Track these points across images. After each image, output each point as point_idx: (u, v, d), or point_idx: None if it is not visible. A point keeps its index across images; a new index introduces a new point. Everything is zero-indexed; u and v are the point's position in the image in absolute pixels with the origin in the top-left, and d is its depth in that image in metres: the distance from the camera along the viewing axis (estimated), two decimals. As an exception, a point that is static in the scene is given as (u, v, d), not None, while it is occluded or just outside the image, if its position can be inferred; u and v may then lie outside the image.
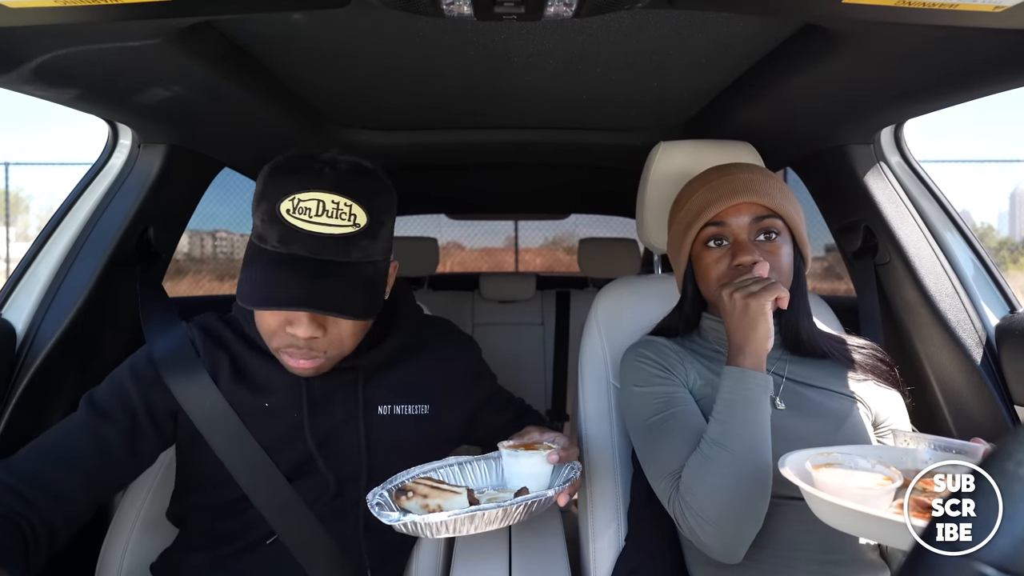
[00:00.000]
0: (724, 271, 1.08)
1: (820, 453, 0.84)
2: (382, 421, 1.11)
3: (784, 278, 1.08)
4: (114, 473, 1.00)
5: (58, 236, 1.32)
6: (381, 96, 1.38)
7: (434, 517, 0.82)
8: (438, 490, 0.92)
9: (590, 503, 1.21)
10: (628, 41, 1.06)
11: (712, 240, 1.11)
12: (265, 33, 1.03)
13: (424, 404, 1.15)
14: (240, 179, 1.82)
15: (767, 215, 1.08)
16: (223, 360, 1.06)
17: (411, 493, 0.91)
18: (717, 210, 1.09)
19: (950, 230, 1.39)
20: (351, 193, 0.92)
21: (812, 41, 0.97)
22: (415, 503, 0.90)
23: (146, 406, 1.02)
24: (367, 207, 0.93)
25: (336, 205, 0.90)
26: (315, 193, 0.90)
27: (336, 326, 0.97)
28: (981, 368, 1.25)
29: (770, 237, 1.08)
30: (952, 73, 1.01)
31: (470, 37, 1.05)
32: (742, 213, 1.08)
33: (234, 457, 1.02)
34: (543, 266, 6.33)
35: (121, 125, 1.35)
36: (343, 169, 0.94)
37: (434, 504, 0.90)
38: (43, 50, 0.90)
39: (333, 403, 1.08)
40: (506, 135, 1.68)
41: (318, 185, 0.91)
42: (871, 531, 0.70)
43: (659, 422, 1.06)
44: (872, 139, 1.43)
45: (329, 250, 0.91)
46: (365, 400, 1.10)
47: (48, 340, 1.22)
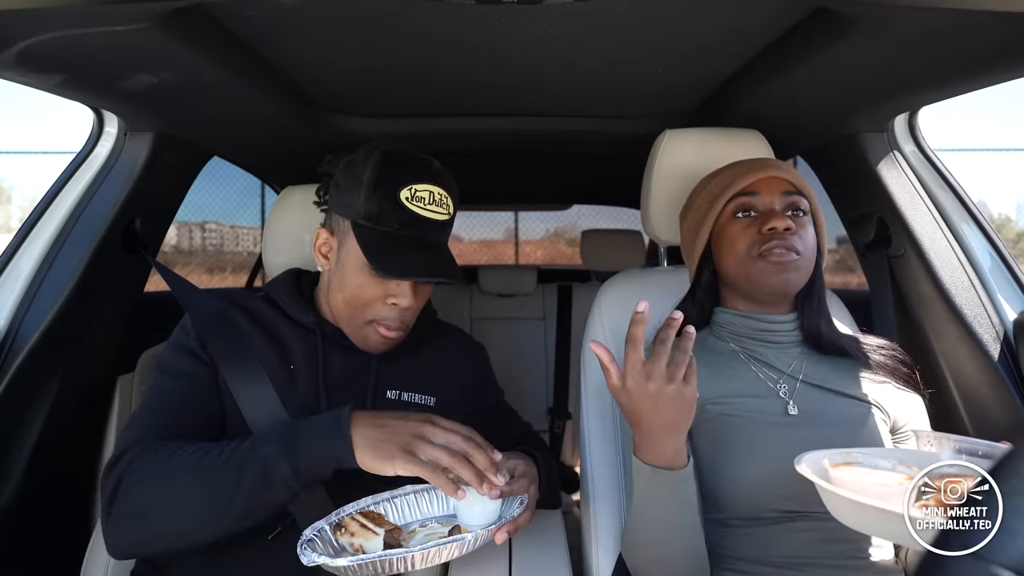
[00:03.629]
0: (754, 238, 1.08)
1: (839, 453, 0.84)
2: (389, 405, 1.16)
3: (809, 255, 1.08)
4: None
5: (41, 227, 1.32)
6: (376, 83, 1.38)
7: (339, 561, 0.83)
8: (364, 529, 0.94)
9: (592, 505, 1.22)
10: (632, 25, 1.06)
11: (741, 212, 1.11)
12: (257, 17, 1.02)
13: (430, 396, 1.21)
14: (230, 168, 1.82)
15: (796, 192, 1.10)
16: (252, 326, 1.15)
17: (344, 529, 0.95)
18: (748, 180, 1.10)
19: (966, 221, 1.39)
20: (447, 187, 1.13)
21: (824, 25, 0.97)
22: (345, 540, 0.94)
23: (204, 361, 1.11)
24: (454, 199, 1.15)
25: (441, 196, 1.11)
26: (428, 185, 1.10)
27: (421, 296, 1.15)
28: (998, 364, 1.25)
29: (797, 214, 1.09)
30: (969, 59, 1.01)
31: (468, 22, 1.05)
32: (774, 186, 1.10)
33: (261, 422, 1.07)
34: (544, 259, 6.34)
35: (107, 112, 1.35)
36: (439, 166, 1.15)
37: (357, 543, 0.93)
38: (26, 35, 0.90)
39: (345, 378, 1.15)
40: (506, 123, 1.68)
41: (429, 178, 1.11)
42: (889, 530, 0.70)
43: None
44: (885, 127, 1.42)
45: (435, 233, 1.12)
46: (376, 381, 1.17)
47: (31, 334, 1.22)
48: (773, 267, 1.05)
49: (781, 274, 1.05)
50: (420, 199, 1.08)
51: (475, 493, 0.95)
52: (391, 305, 1.10)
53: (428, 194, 1.09)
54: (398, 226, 1.08)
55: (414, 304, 1.12)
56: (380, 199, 1.08)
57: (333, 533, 0.94)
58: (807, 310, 1.12)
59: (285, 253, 1.44)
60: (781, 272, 1.05)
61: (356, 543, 0.93)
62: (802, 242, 1.06)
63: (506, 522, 0.96)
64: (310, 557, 0.85)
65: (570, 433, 2.88)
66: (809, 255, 1.08)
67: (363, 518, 0.97)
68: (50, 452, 1.28)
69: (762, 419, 1.04)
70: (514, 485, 1.02)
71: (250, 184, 5.15)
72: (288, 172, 2.04)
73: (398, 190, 1.08)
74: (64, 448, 1.33)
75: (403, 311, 1.11)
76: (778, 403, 1.06)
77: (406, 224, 1.08)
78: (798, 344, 1.13)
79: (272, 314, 1.18)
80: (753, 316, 1.13)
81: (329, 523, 0.97)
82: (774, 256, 1.05)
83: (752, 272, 1.08)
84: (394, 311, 1.11)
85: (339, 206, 1.13)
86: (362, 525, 0.95)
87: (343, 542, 0.94)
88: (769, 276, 1.06)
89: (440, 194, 1.11)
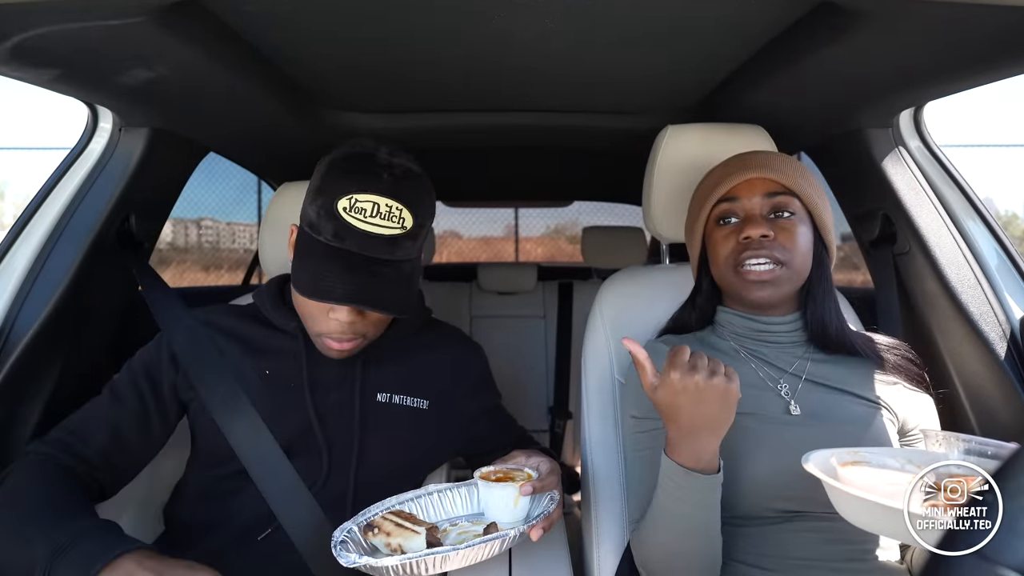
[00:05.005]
0: (733, 247, 1.08)
1: (847, 452, 0.84)
2: (379, 408, 1.16)
3: (797, 260, 1.06)
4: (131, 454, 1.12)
5: (35, 224, 1.32)
6: (374, 78, 1.38)
7: (386, 561, 0.84)
8: (400, 528, 0.95)
9: (594, 505, 1.22)
10: (633, 20, 1.06)
11: (723, 218, 1.10)
12: (254, 10, 1.02)
13: (424, 399, 1.20)
14: (226, 165, 1.82)
15: (781, 192, 1.08)
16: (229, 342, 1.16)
17: (377, 530, 0.95)
18: (728, 186, 1.09)
19: (972, 218, 1.39)
20: (402, 198, 1.03)
21: (828, 18, 0.97)
22: (380, 540, 0.94)
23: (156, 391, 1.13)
24: (414, 212, 1.05)
25: (389, 208, 1.02)
26: (372, 195, 1.01)
27: (367, 313, 1.08)
28: (1005, 363, 1.25)
29: (781, 215, 1.07)
30: (975, 53, 1.01)
31: (468, 16, 1.05)
32: (755, 189, 1.08)
33: (236, 427, 1.09)
34: (544, 256, 6.34)
35: (101, 108, 1.35)
36: (398, 174, 1.05)
37: (396, 543, 0.93)
38: (20, 29, 0.89)
39: (329, 379, 1.14)
40: (506, 118, 1.68)
41: (375, 188, 1.02)
42: (896, 529, 0.70)
43: (641, 459, 1.08)
44: (890, 122, 1.43)
45: (377, 248, 1.02)
46: (363, 384, 1.16)
47: (25, 332, 1.22)
48: (749, 284, 1.06)
49: (757, 291, 1.06)
50: (360, 210, 1.01)
51: (509, 490, 1.01)
52: (334, 320, 1.06)
53: (371, 205, 1.01)
54: (330, 237, 1.02)
55: (358, 319, 1.06)
56: (318, 207, 1.03)
57: (364, 534, 0.96)
58: (811, 309, 1.11)
59: (282, 250, 1.44)
60: (757, 289, 1.06)
61: (394, 543, 0.93)
62: (785, 249, 1.05)
63: (543, 518, 1.00)
64: (349, 558, 0.85)
65: (571, 433, 2.88)
66: (798, 259, 1.06)
67: (396, 517, 0.98)
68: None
69: (763, 418, 1.04)
70: (544, 482, 1.06)
71: (247, 180, 5.17)
72: (285, 168, 2.04)
73: (336, 199, 1.02)
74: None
75: (350, 324, 1.06)
76: (780, 403, 1.06)
77: (339, 236, 1.01)
78: (802, 343, 1.12)
79: (251, 326, 1.18)
80: (752, 317, 1.13)
81: (358, 524, 0.98)
82: (750, 274, 1.05)
83: (733, 284, 1.09)
84: (340, 324, 1.06)
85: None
86: (398, 524, 0.96)
87: (376, 542, 0.95)
88: (748, 291, 1.07)
89: (389, 205, 1.02)
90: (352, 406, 1.14)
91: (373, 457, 1.13)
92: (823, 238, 1.11)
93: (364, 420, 1.14)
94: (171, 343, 1.16)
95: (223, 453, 1.09)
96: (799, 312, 1.13)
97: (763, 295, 1.06)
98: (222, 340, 1.16)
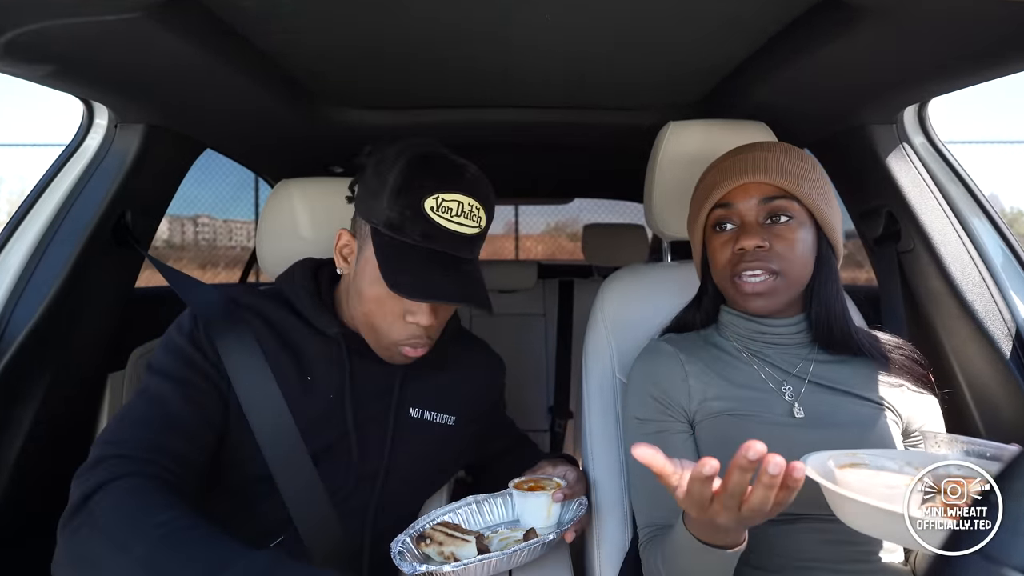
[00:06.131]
0: (729, 256, 1.07)
1: (845, 454, 0.84)
2: (411, 424, 1.17)
3: (795, 268, 1.04)
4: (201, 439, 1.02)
5: (30, 221, 1.32)
6: (373, 73, 1.38)
7: (448, 567, 0.95)
8: (452, 538, 1.05)
9: (595, 507, 1.22)
10: (634, 14, 1.06)
11: (718, 224, 1.10)
12: (251, 6, 1.02)
13: (451, 416, 1.22)
14: (223, 161, 1.82)
15: (778, 196, 1.05)
16: (264, 329, 1.10)
17: (429, 540, 1.05)
18: (722, 192, 1.08)
19: (977, 215, 1.39)
20: (480, 197, 1.06)
21: (832, 13, 0.97)
22: (432, 550, 1.04)
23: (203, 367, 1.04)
24: (488, 211, 1.08)
25: (471, 208, 1.04)
26: (456, 195, 1.03)
27: (444, 312, 1.12)
28: (1010, 362, 1.25)
29: (778, 220, 1.05)
30: (980, 49, 1.01)
31: (467, 10, 1.05)
32: (750, 194, 1.06)
33: (266, 427, 1.04)
34: (545, 253, 6.34)
35: (97, 104, 1.34)
36: (475, 173, 1.07)
37: (448, 552, 1.03)
38: (15, 24, 0.89)
39: (369, 393, 1.14)
40: (506, 114, 1.68)
41: (459, 187, 1.03)
42: (893, 532, 0.70)
43: None
44: (895, 119, 1.42)
45: (461, 248, 1.05)
46: (400, 399, 1.16)
47: (20, 331, 1.23)
48: (745, 296, 1.06)
49: (753, 302, 1.06)
50: (447, 210, 1.01)
51: (543, 499, 1.13)
52: (411, 324, 1.06)
53: (456, 205, 1.02)
54: (419, 238, 1.01)
55: (435, 321, 1.07)
56: (403, 207, 1.01)
57: (416, 545, 1.05)
58: (816, 312, 1.09)
59: (280, 248, 1.44)
60: (752, 300, 1.06)
61: (447, 551, 1.03)
62: (781, 258, 1.03)
63: (574, 521, 1.11)
64: (413, 567, 0.94)
65: (571, 433, 2.88)
66: (796, 267, 1.05)
67: (445, 528, 1.08)
68: (39, 450, 1.29)
69: (766, 420, 1.04)
70: (573, 489, 1.16)
71: (244, 177, 5.17)
72: (283, 165, 2.04)
73: (423, 199, 1.01)
74: (53, 446, 1.33)
75: (426, 328, 1.07)
76: (783, 405, 1.06)
77: (428, 237, 1.01)
78: (806, 345, 1.12)
79: (286, 317, 1.12)
80: (755, 320, 1.12)
81: (410, 535, 1.06)
82: (745, 285, 1.05)
83: (730, 292, 1.09)
84: (416, 329, 1.07)
85: (363, 208, 1.08)
86: (448, 534, 1.06)
87: (428, 551, 1.04)
88: (744, 302, 1.07)
89: (471, 205, 1.04)
90: (386, 421, 1.14)
91: (399, 472, 1.14)
92: (828, 238, 1.09)
93: (396, 435, 1.14)
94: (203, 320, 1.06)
95: (247, 453, 1.04)
96: (804, 314, 1.12)
97: (759, 305, 1.06)
98: (256, 323, 1.09)
